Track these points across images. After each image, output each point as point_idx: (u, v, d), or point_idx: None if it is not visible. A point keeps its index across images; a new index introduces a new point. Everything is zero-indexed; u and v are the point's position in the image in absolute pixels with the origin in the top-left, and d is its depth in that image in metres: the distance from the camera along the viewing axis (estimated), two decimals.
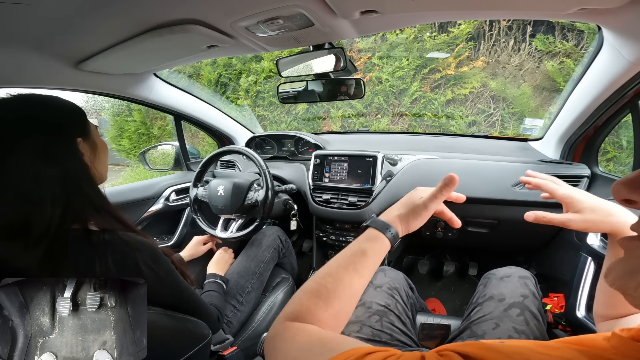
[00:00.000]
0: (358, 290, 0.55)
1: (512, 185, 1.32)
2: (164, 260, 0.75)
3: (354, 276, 0.54)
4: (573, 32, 3.37)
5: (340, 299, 0.51)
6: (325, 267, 0.56)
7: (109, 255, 0.63)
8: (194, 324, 0.81)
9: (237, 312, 1.19)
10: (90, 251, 0.63)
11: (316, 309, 0.49)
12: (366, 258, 0.56)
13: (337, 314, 0.51)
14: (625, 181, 0.29)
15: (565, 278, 1.23)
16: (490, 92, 3.80)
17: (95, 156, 0.74)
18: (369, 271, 0.56)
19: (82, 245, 0.63)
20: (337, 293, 0.51)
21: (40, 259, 0.59)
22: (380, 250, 0.58)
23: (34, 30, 0.76)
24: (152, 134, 6.11)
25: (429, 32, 3.88)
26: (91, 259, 0.62)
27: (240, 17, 0.73)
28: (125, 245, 0.66)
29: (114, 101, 6.00)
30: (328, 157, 1.53)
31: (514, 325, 0.81)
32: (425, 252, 2.06)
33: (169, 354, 0.72)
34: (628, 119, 1.12)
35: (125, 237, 0.67)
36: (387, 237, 0.59)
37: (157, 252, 0.73)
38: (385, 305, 0.97)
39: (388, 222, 0.61)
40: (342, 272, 0.54)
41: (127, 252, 0.66)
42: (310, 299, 0.51)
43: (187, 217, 1.75)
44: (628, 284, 0.28)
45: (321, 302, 0.50)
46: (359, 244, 0.58)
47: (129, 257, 0.66)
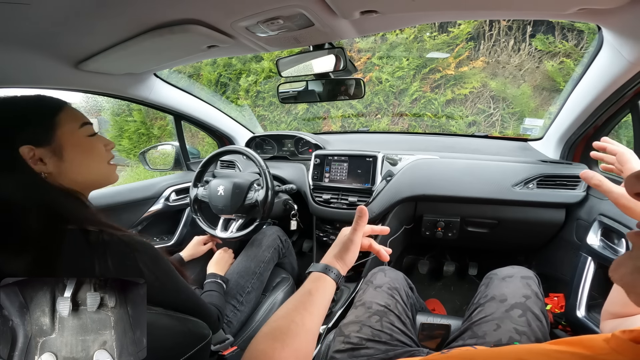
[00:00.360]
0: (312, 328, 0.58)
1: (512, 185, 1.32)
2: (163, 260, 0.74)
3: (304, 315, 0.57)
4: (573, 32, 3.38)
5: (295, 337, 0.54)
6: (276, 312, 0.60)
7: (108, 255, 0.62)
8: (194, 324, 0.81)
9: (237, 312, 1.19)
10: (89, 251, 0.61)
11: (273, 350, 0.52)
12: (312, 297, 0.61)
13: (296, 352, 0.53)
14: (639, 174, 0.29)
15: (566, 278, 1.23)
16: (490, 92, 3.80)
17: (64, 161, 0.67)
18: (318, 309, 0.60)
19: (80, 245, 0.61)
20: (291, 332, 0.54)
21: (32, 262, 0.58)
22: (325, 289, 0.64)
23: (34, 30, 0.76)
24: (152, 134, 6.11)
25: (429, 32, 3.88)
26: (90, 259, 0.61)
27: (240, 17, 0.73)
28: (124, 245, 0.65)
29: (114, 101, 6.00)
30: (328, 157, 1.53)
31: (515, 327, 0.80)
32: (425, 252, 2.07)
33: (168, 354, 0.72)
34: (628, 119, 1.12)
35: (124, 237, 0.66)
36: (330, 276, 0.66)
37: (156, 252, 0.72)
38: (385, 305, 0.97)
39: (327, 264, 0.68)
40: (292, 313, 0.58)
41: (127, 252, 0.65)
42: (265, 342, 0.53)
43: (187, 217, 1.75)
44: (636, 281, 0.28)
45: (277, 343, 0.52)
46: (305, 286, 0.64)
47: (129, 257, 0.65)
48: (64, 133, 0.67)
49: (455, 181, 1.39)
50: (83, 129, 0.71)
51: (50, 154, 0.65)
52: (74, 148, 0.69)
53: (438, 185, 1.41)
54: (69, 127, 0.69)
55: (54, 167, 0.66)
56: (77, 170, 0.69)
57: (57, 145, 0.66)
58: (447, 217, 1.49)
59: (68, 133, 0.68)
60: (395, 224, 1.55)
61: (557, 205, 1.30)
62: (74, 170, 0.69)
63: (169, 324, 0.72)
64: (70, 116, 0.70)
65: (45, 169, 0.65)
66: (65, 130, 0.68)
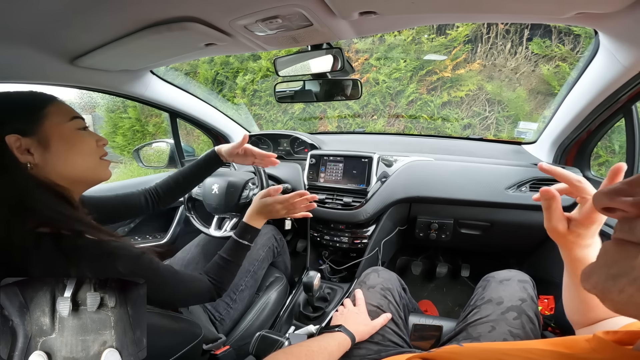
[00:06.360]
0: None
1: (505, 188, 1.33)
2: (144, 264, 0.71)
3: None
4: (569, 36, 3.40)
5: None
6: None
7: (82, 260, 0.60)
8: (185, 323, 0.81)
9: (230, 310, 1.18)
10: (62, 256, 0.60)
11: None
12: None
13: None
14: (606, 190, 0.29)
15: (556, 280, 1.24)
16: (486, 95, 3.82)
17: (50, 152, 0.67)
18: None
19: (52, 250, 0.60)
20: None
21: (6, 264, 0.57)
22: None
23: (29, 25, 0.75)
24: (147, 131, 6.08)
25: (426, 34, 3.90)
26: (63, 264, 0.59)
27: (239, 16, 0.73)
28: (100, 250, 0.63)
29: (109, 97, 5.96)
30: (324, 157, 1.53)
31: (509, 329, 0.81)
32: (419, 253, 2.08)
33: (159, 353, 0.71)
34: (621, 124, 1.13)
35: (101, 242, 0.64)
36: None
37: (136, 252, 0.70)
38: (377, 306, 0.98)
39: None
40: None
41: (103, 257, 0.63)
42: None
43: (180, 216, 1.74)
44: (611, 288, 0.28)
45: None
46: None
47: (106, 262, 0.63)
48: (51, 124, 0.67)
49: (449, 183, 1.40)
50: (72, 122, 0.71)
51: (36, 144, 0.65)
52: (61, 140, 0.68)
53: (432, 187, 1.42)
54: (57, 119, 0.69)
55: (40, 158, 0.65)
56: (63, 163, 0.69)
57: (43, 135, 0.66)
58: (441, 219, 1.50)
59: (55, 124, 0.68)
60: (390, 225, 1.55)
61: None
62: (60, 163, 0.68)
63: (159, 323, 0.72)
64: (59, 109, 0.70)
65: (31, 159, 0.64)
66: (52, 122, 0.68)
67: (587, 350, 0.37)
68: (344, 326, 0.87)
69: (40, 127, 0.66)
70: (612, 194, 0.29)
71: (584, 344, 0.38)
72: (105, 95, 5.26)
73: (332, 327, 0.88)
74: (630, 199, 0.27)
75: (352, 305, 1.00)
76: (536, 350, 0.39)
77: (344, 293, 1.44)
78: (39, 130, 0.66)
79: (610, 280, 0.28)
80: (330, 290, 1.46)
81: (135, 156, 1.81)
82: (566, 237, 0.55)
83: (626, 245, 0.28)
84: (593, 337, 0.38)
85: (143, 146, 1.83)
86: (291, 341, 0.90)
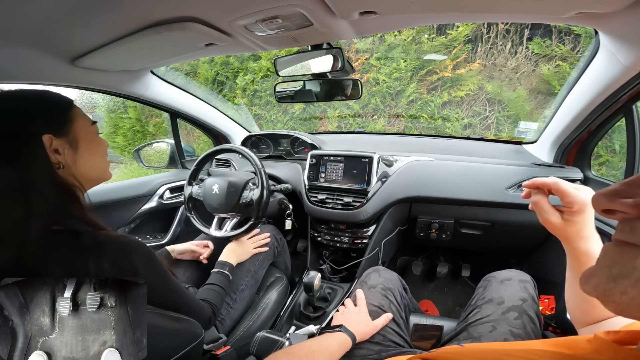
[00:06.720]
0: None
1: (505, 187, 1.33)
2: (157, 262, 0.74)
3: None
4: (570, 36, 3.40)
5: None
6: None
7: (102, 257, 0.62)
8: (186, 323, 0.81)
9: (230, 310, 1.18)
10: (82, 253, 0.61)
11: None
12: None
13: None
14: (605, 192, 0.29)
15: (557, 280, 1.24)
16: (486, 95, 3.82)
17: (78, 154, 0.69)
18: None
19: (71, 247, 0.61)
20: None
21: (16, 264, 0.57)
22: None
23: (30, 25, 0.75)
24: (147, 131, 6.07)
25: (427, 34, 3.89)
26: (84, 261, 0.60)
27: (239, 16, 0.73)
28: (120, 247, 0.65)
29: (109, 98, 5.96)
30: (324, 157, 1.53)
31: (510, 329, 0.81)
32: (419, 253, 2.07)
33: (160, 353, 0.71)
34: (621, 124, 1.13)
35: (121, 238, 0.66)
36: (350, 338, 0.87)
37: (152, 254, 0.72)
38: (378, 306, 0.98)
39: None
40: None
41: (123, 253, 0.65)
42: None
43: (181, 216, 1.74)
44: (613, 290, 0.28)
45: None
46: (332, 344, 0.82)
47: (124, 259, 0.65)
48: (78, 126, 0.70)
49: (449, 183, 1.40)
50: (93, 127, 0.75)
51: (67, 145, 0.67)
52: (88, 142, 0.72)
53: (433, 187, 1.42)
54: (83, 122, 0.72)
55: (70, 159, 0.68)
56: (84, 164, 0.71)
57: (73, 137, 0.69)
58: (441, 219, 1.50)
59: (82, 127, 0.71)
60: (390, 225, 1.55)
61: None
62: (83, 163, 0.71)
63: (160, 323, 0.72)
64: (80, 113, 0.73)
65: (62, 159, 0.66)
66: (79, 124, 0.71)
67: (588, 351, 0.37)
68: (344, 326, 0.87)
69: (71, 128, 0.69)
70: (612, 196, 0.29)
71: (585, 345, 0.38)
72: (105, 96, 5.26)
73: (333, 327, 0.88)
74: (630, 201, 0.27)
75: (353, 305, 1.00)
76: (537, 350, 0.39)
77: (344, 293, 1.44)
78: (70, 131, 0.68)
79: (612, 282, 0.28)
80: (331, 290, 1.47)
81: (136, 156, 1.82)
82: (564, 228, 0.56)
83: (627, 246, 0.28)
84: (594, 337, 0.37)
85: (143, 146, 1.84)
86: (292, 341, 0.91)
